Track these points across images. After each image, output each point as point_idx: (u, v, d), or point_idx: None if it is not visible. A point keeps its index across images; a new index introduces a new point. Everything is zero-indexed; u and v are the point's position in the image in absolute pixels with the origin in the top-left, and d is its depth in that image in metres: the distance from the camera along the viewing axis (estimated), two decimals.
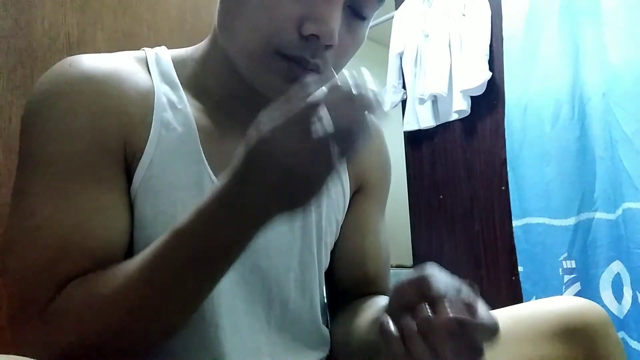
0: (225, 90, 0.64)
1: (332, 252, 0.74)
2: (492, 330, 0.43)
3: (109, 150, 0.56)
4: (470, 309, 0.43)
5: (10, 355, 0.36)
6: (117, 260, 0.54)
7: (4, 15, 0.81)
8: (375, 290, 0.75)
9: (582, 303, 0.61)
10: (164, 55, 0.65)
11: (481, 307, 0.44)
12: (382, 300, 0.68)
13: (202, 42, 0.67)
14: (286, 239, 0.66)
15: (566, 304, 0.61)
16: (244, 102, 0.63)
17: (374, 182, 0.77)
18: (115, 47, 0.95)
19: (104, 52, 0.94)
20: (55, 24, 0.87)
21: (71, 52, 0.88)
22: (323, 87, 0.42)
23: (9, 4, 0.81)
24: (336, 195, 0.72)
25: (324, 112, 0.41)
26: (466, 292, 0.46)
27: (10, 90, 0.80)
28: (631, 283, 1.58)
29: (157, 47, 0.67)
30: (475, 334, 0.42)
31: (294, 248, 0.66)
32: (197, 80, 0.65)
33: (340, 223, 0.74)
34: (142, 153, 0.57)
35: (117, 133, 0.57)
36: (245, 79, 0.59)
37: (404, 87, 2.44)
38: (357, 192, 0.76)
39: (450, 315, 0.42)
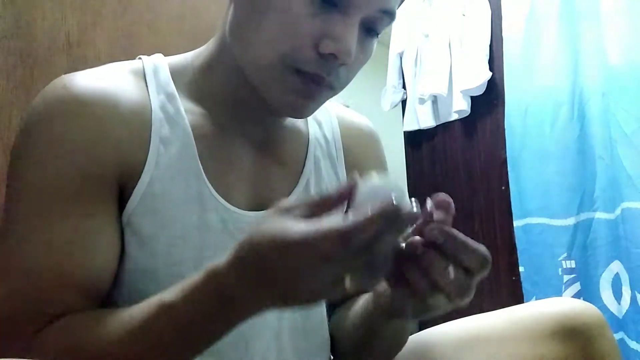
0: (230, 94, 0.63)
1: None
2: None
3: (99, 176, 0.55)
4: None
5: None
6: (102, 290, 0.55)
7: (4, 15, 0.81)
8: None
9: (579, 304, 0.63)
10: (161, 65, 0.63)
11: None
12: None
13: (205, 47, 0.65)
14: None
15: (563, 305, 0.63)
16: (249, 106, 0.63)
17: None
18: (115, 47, 0.95)
19: (104, 52, 0.94)
20: (55, 24, 0.87)
21: (71, 52, 0.88)
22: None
23: (8, 4, 0.81)
24: None
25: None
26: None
27: (10, 90, 0.80)
28: (630, 283, 1.59)
29: (154, 56, 0.65)
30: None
31: None
32: (198, 85, 0.63)
33: None
34: (141, 171, 0.56)
35: (110, 158, 0.55)
36: (255, 88, 0.59)
37: (404, 87, 2.44)
38: None
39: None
